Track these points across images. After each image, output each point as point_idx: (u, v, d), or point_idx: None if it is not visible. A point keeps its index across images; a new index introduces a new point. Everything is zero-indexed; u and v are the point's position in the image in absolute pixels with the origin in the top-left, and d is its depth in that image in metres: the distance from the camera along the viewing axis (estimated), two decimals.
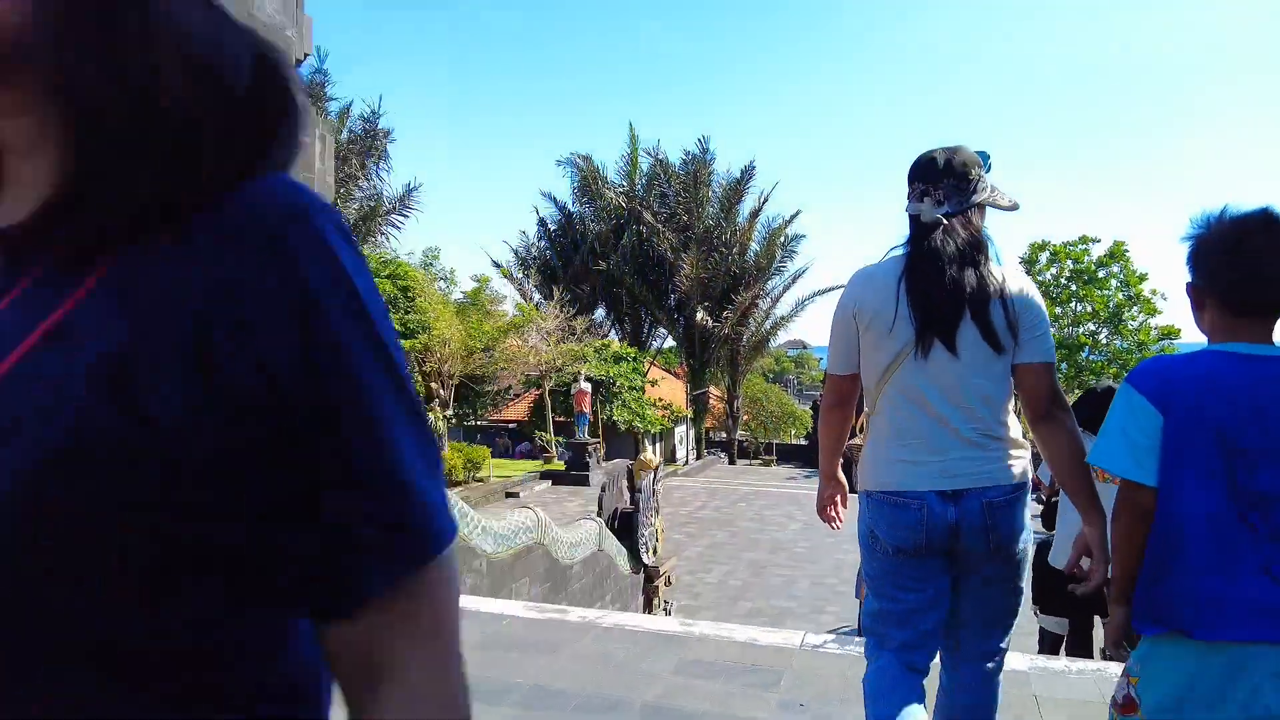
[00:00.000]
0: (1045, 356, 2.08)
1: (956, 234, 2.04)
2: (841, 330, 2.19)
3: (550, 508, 17.07)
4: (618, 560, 7.06)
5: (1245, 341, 1.56)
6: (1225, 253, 1.58)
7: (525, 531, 5.48)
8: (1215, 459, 1.52)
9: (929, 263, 2.03)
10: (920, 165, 2.15)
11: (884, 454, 2.13)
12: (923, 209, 2.07)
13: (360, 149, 27.57)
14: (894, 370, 2.08)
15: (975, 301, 2.00)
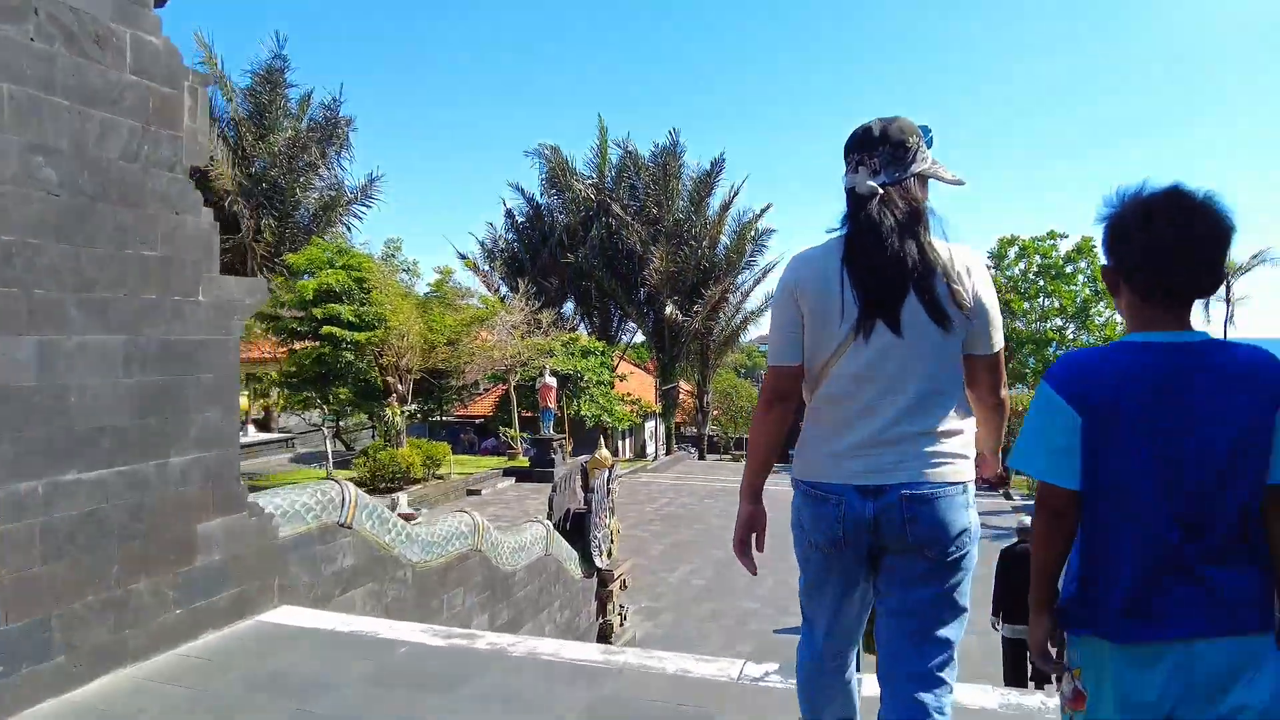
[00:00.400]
0: (995, 346, 1.98)
1: (895, 204, 1.92)
2: (784, 315, 2.03)
3: (512, 505, 16.65)
4: (568, 565, 6.63)
5: (1162, 329, 1.50)
6: (1137, 233, 1.50)
7: (459, 538, 5.02)
8: (1136, 458, 1.48)
9: (867, 236, 1.91)
10: (855, 136, 2.03)
11: (811, 443, 2.04)
12: (858, 180, 1.96)
13: (320, 137, 26.77)
14: (838, 357, 1.95)
15: (918, 275, 1.87)
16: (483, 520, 5.47)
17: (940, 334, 1.90)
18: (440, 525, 5.12)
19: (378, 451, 16.72)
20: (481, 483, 18.11)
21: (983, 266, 2.01)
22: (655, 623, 9.55)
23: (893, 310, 1.88)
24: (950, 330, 1.89)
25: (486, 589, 5.58)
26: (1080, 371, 1.56)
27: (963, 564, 1.97)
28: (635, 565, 11.87)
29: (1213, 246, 1.47)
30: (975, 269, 1.95)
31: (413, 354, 17.17)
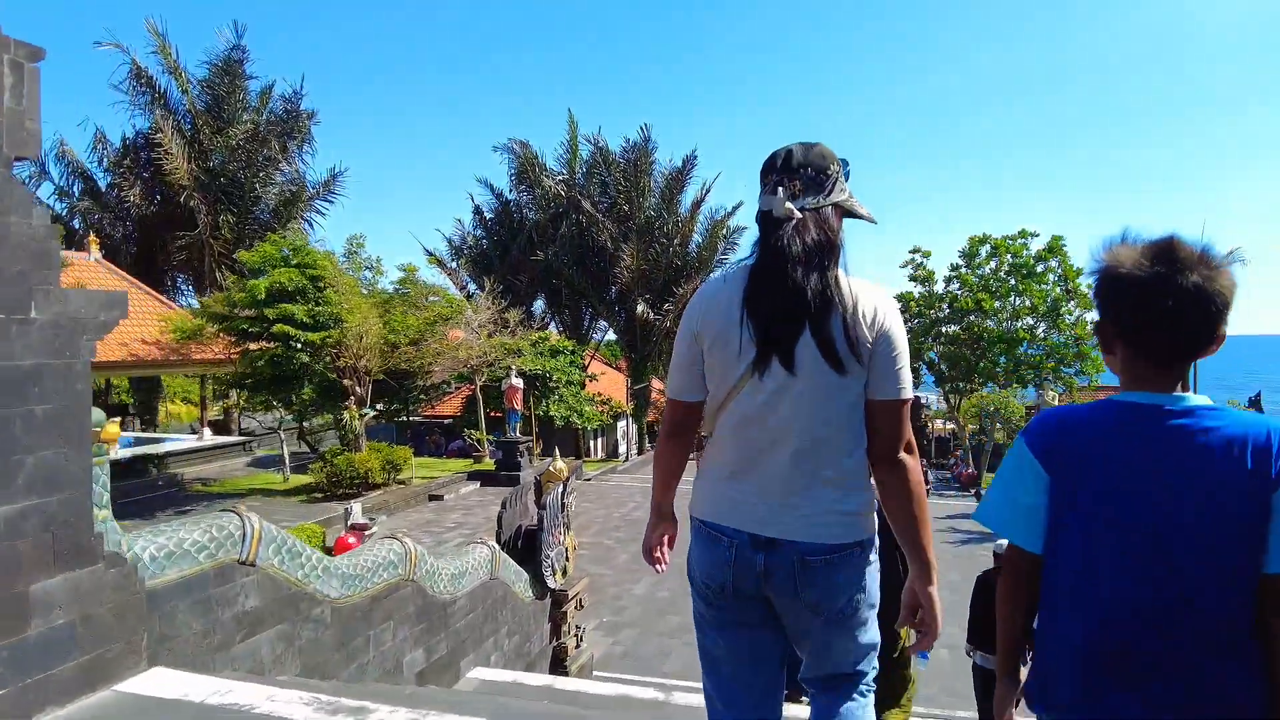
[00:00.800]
0: (898, 392, 1.83)
1: (808, 231, 1.82)
2: (683, 352, 1.97)
3: (475, 511, 16.17)
4: (516, 587, 6.20)
5: (1151, 389, 1.42)
6: (1128, 289, 1.41)
7: (387, 567, 4.57)
8: (1098, 530, 1.39)
9: (772, 263, 1.82)
10: (775, 158, 1.92)
11: (709, 481, 1.98)
12: (775, 201, 1.83)
13: (281, 131, 26.04)
14: (736, 393, 1.87)
15: (815, 311, 1.77)
16: (416, 547, 5.03)
17: (836, 377, 1.79)
18: (366, 555, 4.66)
19: (335, 456, 16.15)
20: (444, 487, 17.59)
21: (893, 307, 1.88)
22: (616, 639, 9.14)
23: (787, 348, 1.79)
24: (846, 373, 1.79)
25: (421, 620, 5.13)
26: (1056, 428, 1.48)
27: (856, 618, 1.92)
28: (598, 576, 11.45)
29: (1206, 305, 1.34)
30: (883, 309, 1.83)
31: (372, 355, 16.58)
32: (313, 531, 11.92)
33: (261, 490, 17.06)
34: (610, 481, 21.44)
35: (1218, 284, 1.35)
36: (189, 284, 26.44)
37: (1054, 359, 27.32)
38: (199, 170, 23.72)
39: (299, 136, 26.79)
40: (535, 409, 23.57)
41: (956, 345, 28.85)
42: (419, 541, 13.28)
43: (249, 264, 16.32)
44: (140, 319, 17.82)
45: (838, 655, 1.96)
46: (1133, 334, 1.43)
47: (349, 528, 12.11)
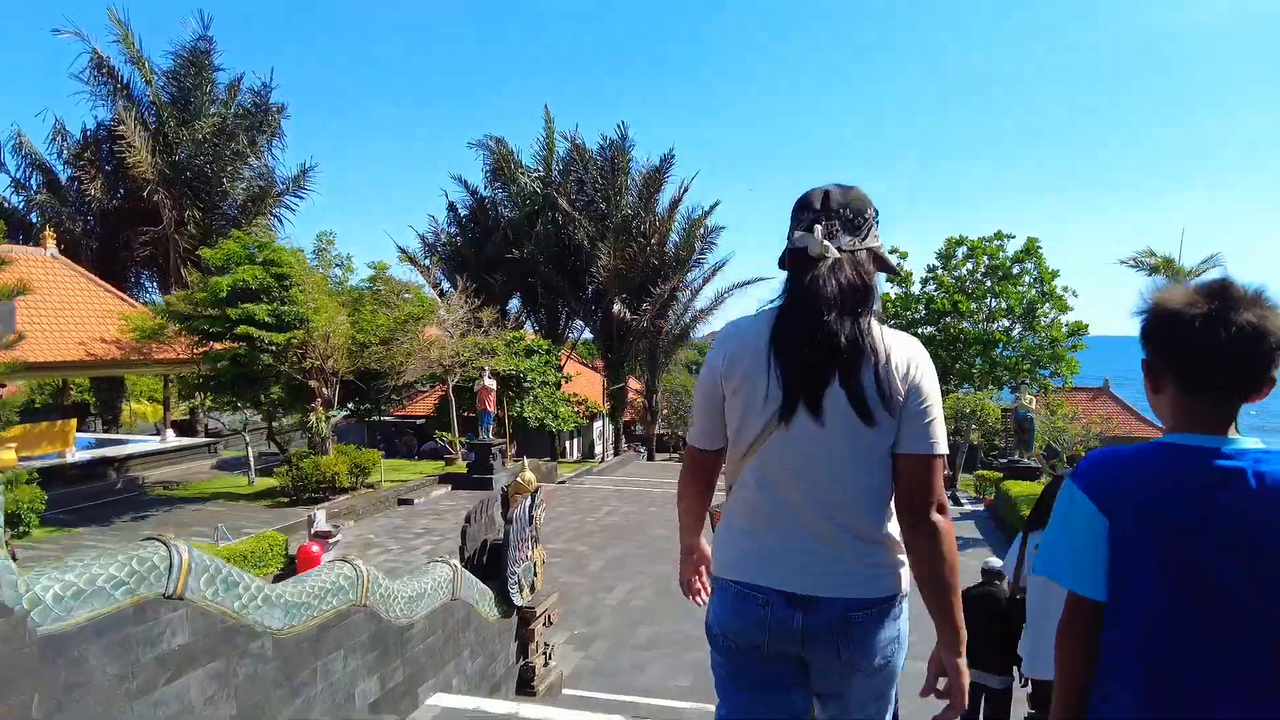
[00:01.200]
0: (930, 447, 1.75)
1: (843, 272, 1.73)
2: (707, 396, 1.90)
3: (446, 516, 15.80)
4: (480, 607, 5.90)
5: (1203, 431, 1.40)
6: (1180, 328, 1.39)
7: (337, 592, 4.25)
8: (1162, 567, 1.37)
9: (804, 305, 1.73)
10: (809, 198, 1.86)
11: (735, 537, 1.91)
12: (810, 239, 1.76)
13: (250, 124, 25.41)
14: (760, 443, 1.79)
15: (847, 359, 1.70)
16: (369, 570, 4.71)
17: (865, 429, 1.71)
18: (313, 580, 4.34)
19: (301, 459, 15.72)
20: (414, 491, 17.20)
21: (927, 360, 1.80)
22: (587, 653, 8.85)
23: (816, 396, 1.71)
24: (875, 426, 1.71)
25: (376, 648, 4.82)
26: (1109, 471, 1.45)
27: (889, 668, 1.86)
28: (570, 585, 11.16)
29: (1260, 343, 1.35)
30: (916, 361, 1.76)
31: (339, 355, 16.16)
32: (275, 539, 11.54)
33: (226, 494, 16.59)
34: (585, 484, 21.14)
35: (1272, 323, 1.35)
36: (154, 281, 25.76)
37: (1030, 360, 27.40)
38: (164, 164, 23.07)
39: (268, 131, 26.17)
40: (509, 410, 23.21)
41: (933, 347, 28.83)
42: (385, 548, 12.96)
43: (212, 261, 15.84)
44: (99, 317, 17.26)
45: (870, 711, 1.91)
46: (1184, 372, 1.41)
47: (312, 535, 11.74)
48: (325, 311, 15.64)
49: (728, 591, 1.89)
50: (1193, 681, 1.35)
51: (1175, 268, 17.28)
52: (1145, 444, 1.47)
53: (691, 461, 2.02)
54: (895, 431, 1.74)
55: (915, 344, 1.81)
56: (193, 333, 15.42)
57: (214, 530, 12.14)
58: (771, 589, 1.81)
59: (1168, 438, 1.45)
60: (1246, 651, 1.32)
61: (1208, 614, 1.34)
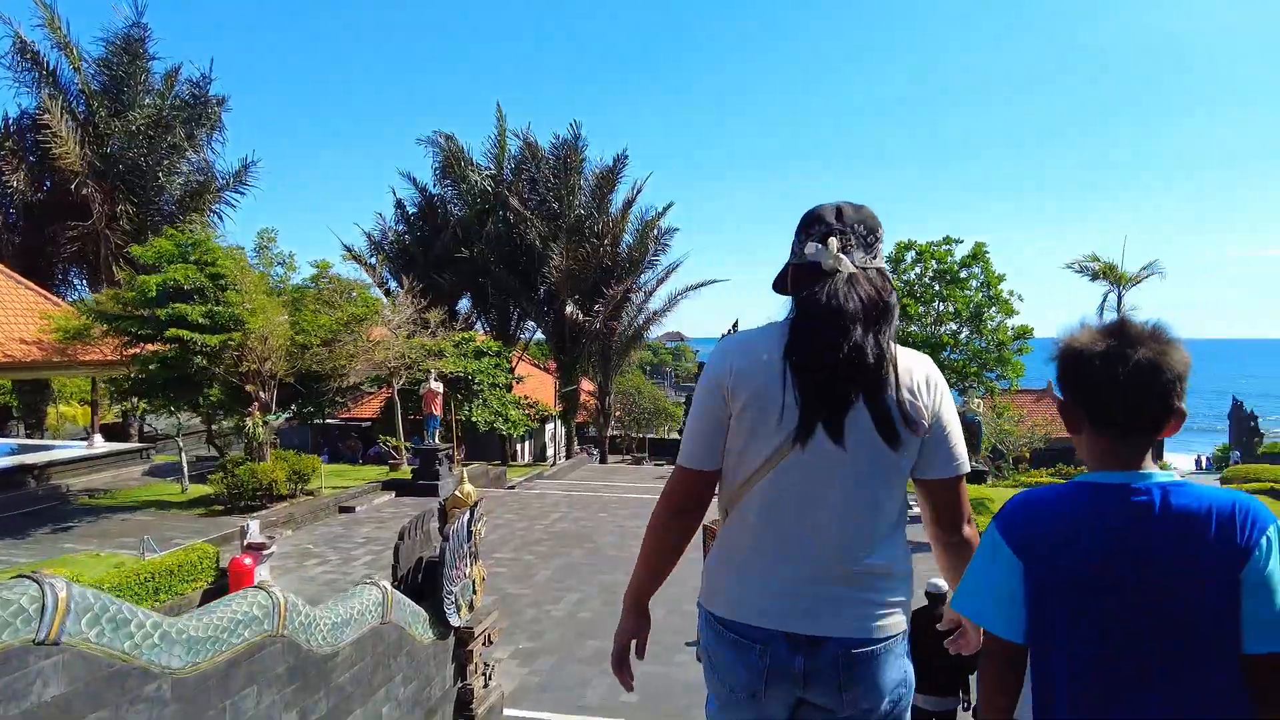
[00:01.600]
0: (958, 468, 1.72)
1: (862, 287, 1.65)
2: (707, 412, 1.74)
3: (389, 524, 15.31)
4: (414, 629, 5.58)
5: (1117, 468, 1.43)
6: (1084, 368, 1.44)
7: (249, 624, 3.91)
8: (1079, 609, 1.38)
9: (823, 319, 1.62)
10: (820, 212, 1.77)
11: (733, 569, 1.76)
12: (825, 252, 1.67)
13: (188, 116, 24.43)
14: (770, 468, 1.66)
15: (873, 379, 1.61)
16: (286, 597, 4.37)
17: (888, 453, 1.63)
18: (221, 611, 4.00)
19: (236, 466, 15.09)
20: (356, 498, 16.68)
21: (941, 377, 1.74)
22: (532, 669, 8.57)
23: (838, 417, 1.60)
24: (899, 449, 1.63)
25: (295, 680, 4.48)
26: (1027, 514, 1.48)
27: (896, 712, 1.77)
28: (516, 597, 10.86)
29: (1157, 376, 1.39)
30: (935, 381, 1.71)
31: (277, 357, 15.56)
32: (205, 551, 10.99)
33: (157, 503, 15.85)
34: (535, 489, 20.79)
35: (1169, 358, 1.39)
36: (84, 279, 24.63)
37: (977, 363, 27.78)
38: (94, 156, 22.04)
39: (208, 123, 25.22)
40: (458, 413, 22.72)
41: None
42: (324, 559, 12.47)
43: (143, 259, 15.11)
44: (18, 315, 16.35)
45: None
46: (1092, 410, 1.45)
47: (245, 547, 11.21)
48: (264, 312, 15.03)
49: (723, 633, 1.77)
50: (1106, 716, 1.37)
51: (1118, 273, 17.64)
52: (1063, 485, 1.49)
53: (683, 487, 1.80)
54: (916, 453, 1.68)
55: (928, 361, 1.75)
56: (121, 334, 14.68)
57: (140, 542, 11.52)
58: (774, 630, 1.69)
59: (1083, 477, 1.47)
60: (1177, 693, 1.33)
61: (1131, 661, 1.35)
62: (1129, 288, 18.40)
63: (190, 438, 26.17)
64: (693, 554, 2.05)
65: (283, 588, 4.42)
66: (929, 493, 1.74)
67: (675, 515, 1.83)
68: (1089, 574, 1.38)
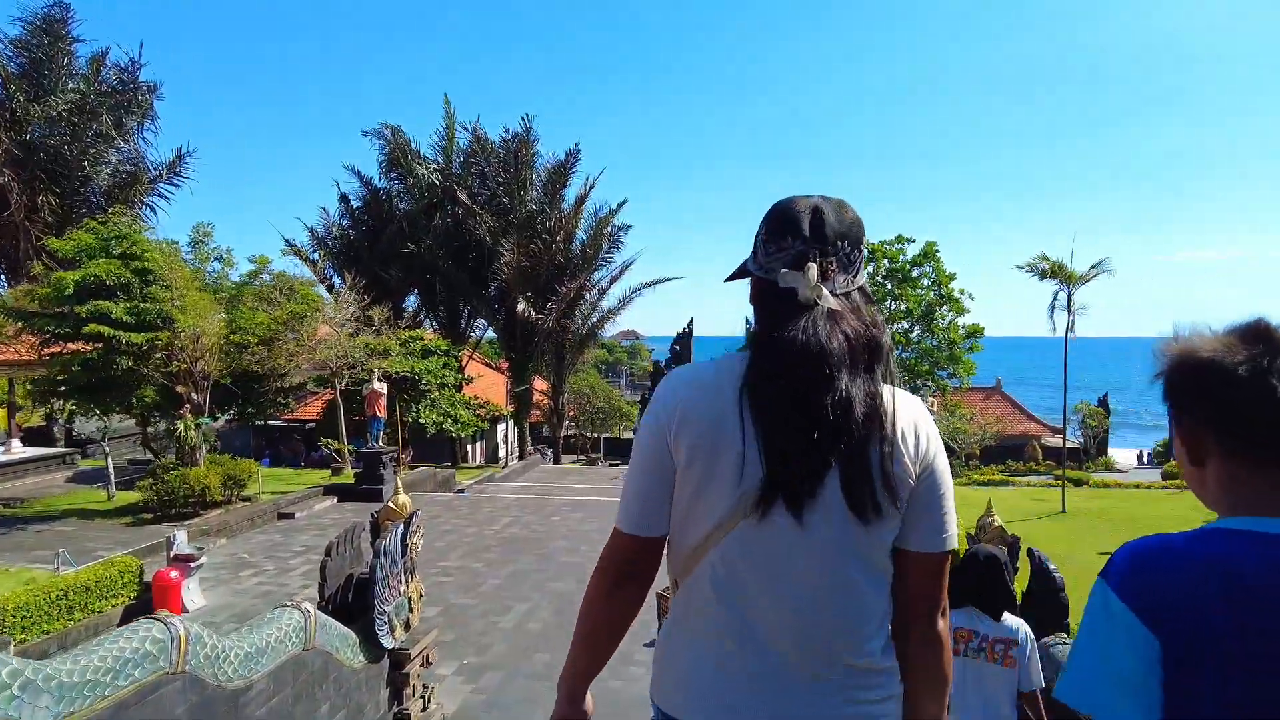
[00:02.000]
0: (943, 543, 1.38)
1: (846, 322, 1.33)
2: (649, 460, 1.41)
3: (329, 531, 14.63)
4: (342, 654, 5.10)
5: (1270, 512, 1.08)
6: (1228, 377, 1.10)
7: (141, 661, 3.41)
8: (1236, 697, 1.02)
9: (797, 360, 1.29)
10: (793, 217, 1.40)
11: (679, 657, 1.43)
12: (802, 280, 1.34)
13: (116, 103, 23.24)
14: (721, 534, 1.34)
15: (856, 433, 1.28)
16: (187, 628, 3.87)
17: (863, 525, 1.30)
18: (106, 649, 3.49)
19: (166, 472, 14.27)
20: (296, 504, 15.95)
21: (934, 425, 1.43)
22: (477, 686, 8.10)
23: (809, 484, 1.29)
24: (880, 520, 1.31)
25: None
26: (1156, 572, 1.09)
27: None
28: (463, 608, 10.37)
29: None
30: (924, 429, 1.39)
31: (210, 357, 14.77)
32: (127, 565, 10.27)
33: (80, 511, 14.92)
34: (485, 492, 20.22)
35: None
36: (1, 273, 23.28)
37: (928, 362, 28.03)
38: (11, 143, 20.79)
39: (138, 111, 24.05)
40: (405, 415, 22.03)
41: None
42: (260, 569, 11.82)
43: (61, 253, 14.19)
44: None
45: None
46: (1232, 436, 1.13)
47: (172, 559, 10.52)
48: (195, 309, 14.24)
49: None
50: None
51: (1067, 272, 17.81)
52: (1198, 533, 1.13)
53: (621, 556, 1.48)
54: (898, 525, 1.37)
55: (917, 404, 1.43)
56: (36, 332, 13.75)
57: (55, 556, 10.74)
58: None
59: (1228, 523, 1.12)
60: None
61: None
62: (1078, 286, 18.67)
63: (124, 441, 24.96)
64: None
65: (209, 605, 3.92)
66: (904, 570, 1.40)
67: (614, 589, 1.50)
68: (1249, 651, 1.07)
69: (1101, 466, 36.60)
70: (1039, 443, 36.88)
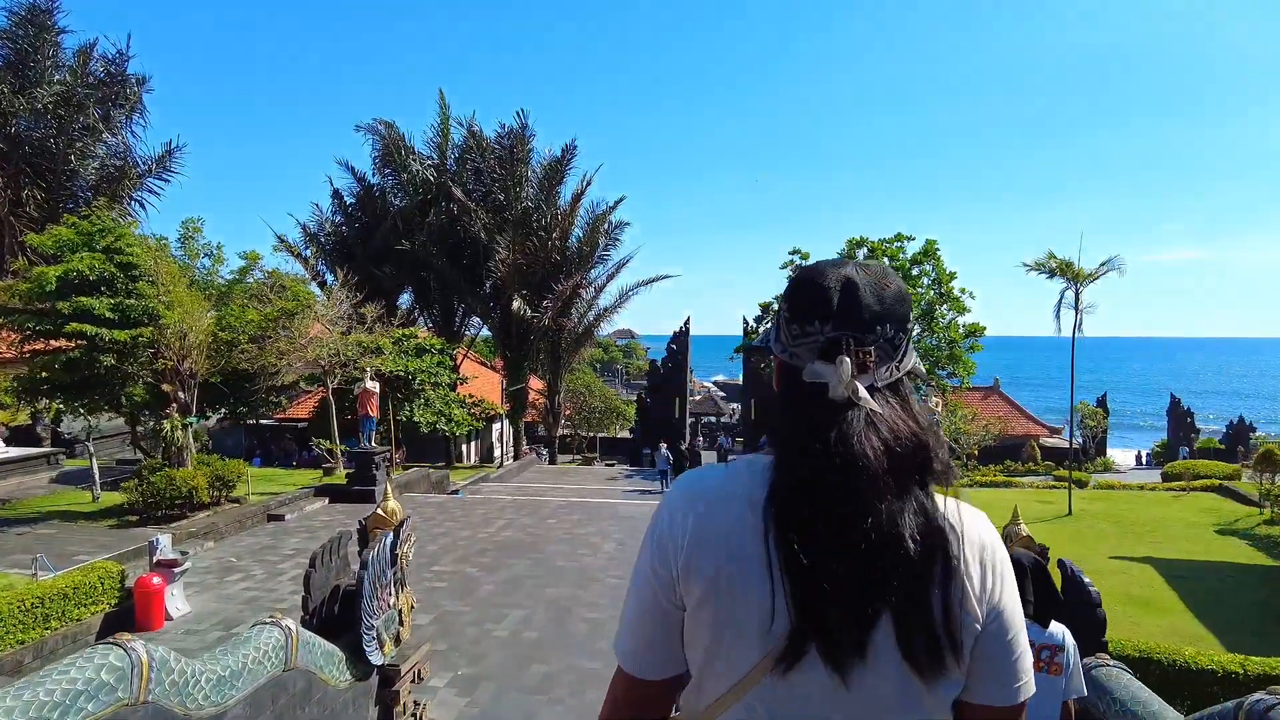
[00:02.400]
0: (1016, 694, 1.11)
1: (888, 429, 1.07)
2: (651, 593, 1.15)
3: (319, 534, 14.26)
4: (326, 672, 4.75)
5: None
6: None
7: (96, 692, 3.07)
8: None
9: (832, 480, 1.03)
10: (823, 296, 1.15)
11: None
12: (834, 376, 1.09)
13: (103, 96, 22.81)
14: (741, 691, 1.06)
15: (911, 577, 1.02)
16: (149, 652, 3.52)
17: (920, 681, 1.04)
18: (56, 679, 3.14)
19: (152, 473, 13.88)
20: (287, 505, 15.56)
21: (1001, 544, 1.14)
22: (471, 700, 7.74)
23: (855, 633, 1.01)
24: (943, 675, 1.04)
25: None
26: None
27: None
28: (456, 615, 10.01)
29: None
30: (992, 553, 1.10)
31: (198, 355, 14.37)
32: (107, 571, 9.88)
33: (64, 513, 14.52)
34: (480, 493, 19.85)
35: None
36: None
37: (929, 361, 27.72)
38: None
39: (126, 105, 23.62)
40: (398, 414, 21.64)
41: None
42: (248, 573, 11.44)
43: (42, 247, 13.79)
44: None
45: None
46: None
47: (154, 565, 10.14)
48: (182, 306, 13.84)
49: None
50: None
51: (1075, 270, 17.50)
52: None
53: (626, 699, 1.22)
54: (961, 678, 1.09)
55: (983, 522, 1.16)
56: (16, 329, 13.34)
57: (32, 561, 10.35)
58: None
59: None
60: None
61: None
62: (1086, 284, 18.34)
63: (113, 440, 24.51)
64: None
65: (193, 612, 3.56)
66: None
67: None
68: None
69: (1100, 467, 36.39)
70: (1037, 443, 36.67)
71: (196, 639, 9.26)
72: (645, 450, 31.83)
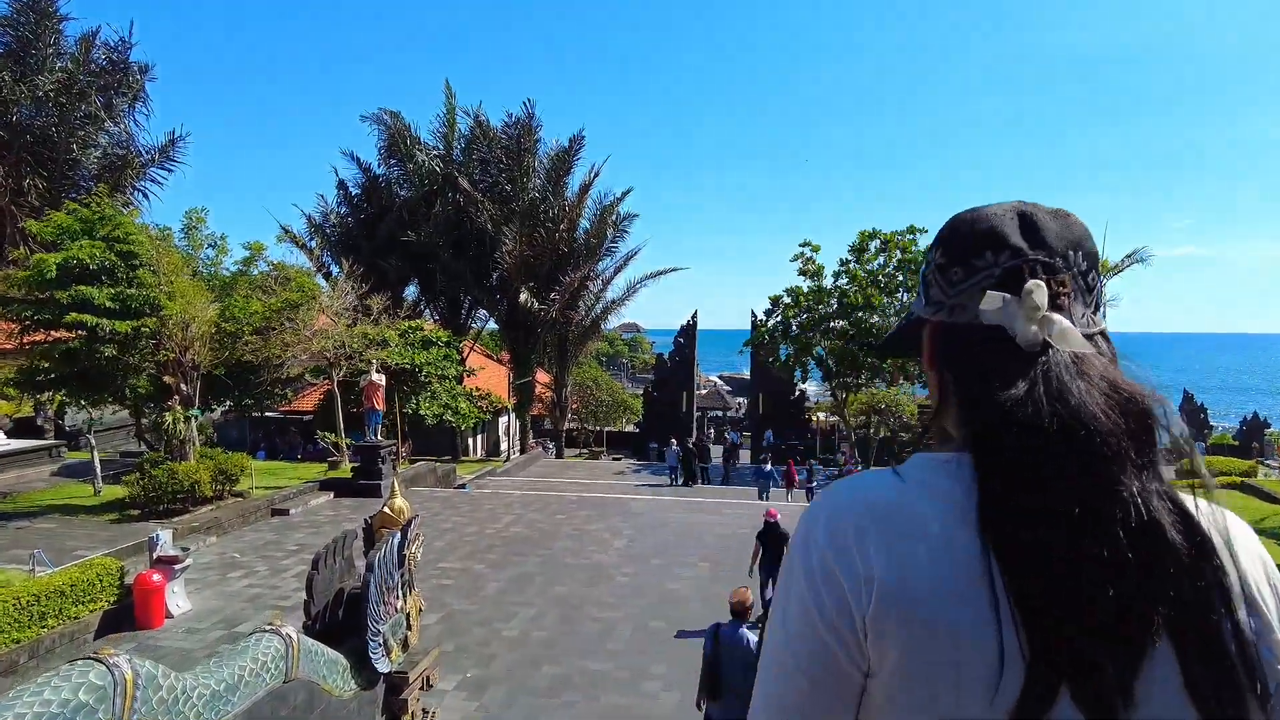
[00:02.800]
0: None
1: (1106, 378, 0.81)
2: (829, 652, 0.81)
3: (324, 529, 14.00)
4: (329, 682, 4.44)
5: None
6: None
7: (73, 716, 2.77)
8: None
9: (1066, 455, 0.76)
10: (994, 224, 0.90)
11: None
12: (1027, 310, 0.83)
13: (105, 84, 22.48)
14: None
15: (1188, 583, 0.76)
16: (134, 670, 3.21)
17: None
18: (23, 702, 2.83)
19: (154, 466, 13.61)
20: (291, 500, 15.29)
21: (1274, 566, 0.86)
22: (481, 702, 7.46)
23: (1119, 676, 0.74)
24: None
25: None
26: None
27: None
28: (464, 614, 9.73)
29: None
30: (1271, 563, 0.84)
31: (200, 346, 14.08)
32: (106, 567, 9.60)
33: (64, 507, 14.26)
34: (487, 488, 19.57)
35: None
36: None
37: None
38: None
39: (129, 93, 23.29)
40: (404, 406, 21.36)
41: (845, 341, 28.47)
42: (251, 570, 11.14)
43: (41, 236, 13.50)
44: None
45: None
46: None
47: (154, 561, 9.87)
48: (184, 296, 13.56)
49: None
50: None
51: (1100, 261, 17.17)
52: None
53: None
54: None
55: (1249, 529, 0.87)
56: (14, 319, 13.07)
57: (31, 556, 10.08)
58: None
59: None
60: None
61: None
62: (1110, 276, 17.92)
63: (118, 432, 24.29)
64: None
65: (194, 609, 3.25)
66: None
67: None
68: None
69: None
70: None
71: (197, 638, 8.99)
72: (651, 444, 31.50)
